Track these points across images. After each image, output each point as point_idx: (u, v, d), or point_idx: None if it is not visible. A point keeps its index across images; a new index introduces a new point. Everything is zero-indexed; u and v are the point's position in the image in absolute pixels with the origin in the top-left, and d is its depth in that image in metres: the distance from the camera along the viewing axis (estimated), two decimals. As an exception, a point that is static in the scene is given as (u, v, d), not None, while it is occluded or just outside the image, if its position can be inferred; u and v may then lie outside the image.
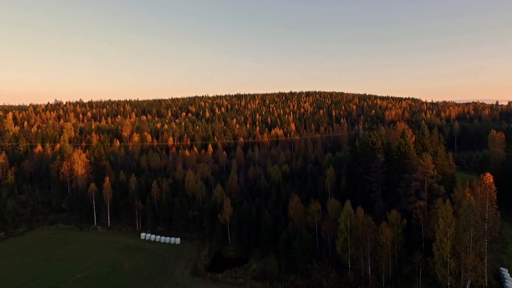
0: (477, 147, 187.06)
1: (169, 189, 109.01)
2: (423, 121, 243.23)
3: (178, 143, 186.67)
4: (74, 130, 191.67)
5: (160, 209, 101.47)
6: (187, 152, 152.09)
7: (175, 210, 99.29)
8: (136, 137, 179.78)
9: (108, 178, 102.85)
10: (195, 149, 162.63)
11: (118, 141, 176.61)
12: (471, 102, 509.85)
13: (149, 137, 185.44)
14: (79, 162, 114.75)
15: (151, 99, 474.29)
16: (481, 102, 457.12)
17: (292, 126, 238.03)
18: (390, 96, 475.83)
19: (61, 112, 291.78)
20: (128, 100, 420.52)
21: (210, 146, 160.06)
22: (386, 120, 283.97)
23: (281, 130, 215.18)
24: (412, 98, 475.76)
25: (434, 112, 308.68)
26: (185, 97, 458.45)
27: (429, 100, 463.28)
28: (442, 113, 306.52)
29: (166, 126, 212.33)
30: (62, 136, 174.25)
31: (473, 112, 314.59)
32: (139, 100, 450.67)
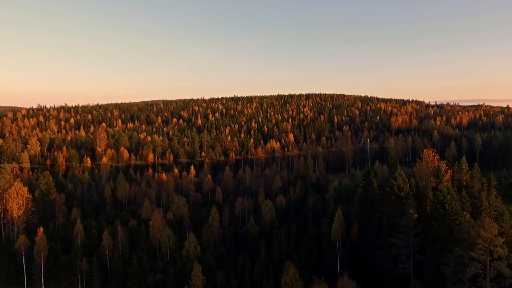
0: (502, 165, 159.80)
1: (128, 239, 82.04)
2: (435, 131, 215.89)
3: (160, 160, 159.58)
4: (40, 145, 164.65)
5: (113, 269, 74.63)
6: (164, 176, 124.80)
7: (130, 272, 72.42)
8: (109, 154, 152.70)
9: (41, 229, 75.70)
10: (176, 170, 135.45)
11: (89, 160, 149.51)
12: (477, 104, 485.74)
13: (125, 153, 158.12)
14: (16, 199, 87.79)
15: (146, 100, 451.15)
16: (487, 104, 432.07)
17: (291, 137, 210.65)
18: (393, 99, 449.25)
19: (41, 119, 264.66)
20: (118, 103, 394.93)
21: (192, 168, 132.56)
22: (392, 127, 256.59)
23: (278, 142, 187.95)
24: (416, 100, 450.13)
25: (444, 118, 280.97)
26: (181, 99, 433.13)
27: (431, 101, 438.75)
28: (453, 119, 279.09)
29: (149, 138, 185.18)
30: (23, 153, 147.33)
31: (485, 118, 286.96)
32: (132, 102, 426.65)
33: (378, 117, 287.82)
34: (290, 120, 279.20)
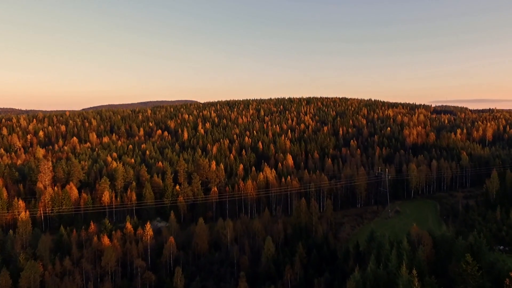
0: None
1: None
2: (463, 152, 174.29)
3: (118, 200, 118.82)
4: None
5: None
6: (106, 241, 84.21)
7: None
8: (49, 194, 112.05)
9: None
10: (128, 225, 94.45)
11: (21, 203, 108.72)
12: (488, 109, 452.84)
13: (74, 191, 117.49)
14: None
15: (143, 101, 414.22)
16: (489, 103, 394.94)
17: (289, 159, 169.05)
18: (399, 103, 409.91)
19: (4, 131, 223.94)
20: (102, 106, 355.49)
21: (148, 225, 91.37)
22: (407, 143, 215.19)
23: (273, 170, 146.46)
24: (423, 105, 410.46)
25: (464, 131, 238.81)
26: (179, 99, 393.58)
27: (433, 100, 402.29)
28: (474, 131, 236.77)
29: (114, 164, 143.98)
30: None
31: (511, 131, 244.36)
32: (126, 103, 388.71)
33: (388, 128, 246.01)
34: (289, 132, 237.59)
